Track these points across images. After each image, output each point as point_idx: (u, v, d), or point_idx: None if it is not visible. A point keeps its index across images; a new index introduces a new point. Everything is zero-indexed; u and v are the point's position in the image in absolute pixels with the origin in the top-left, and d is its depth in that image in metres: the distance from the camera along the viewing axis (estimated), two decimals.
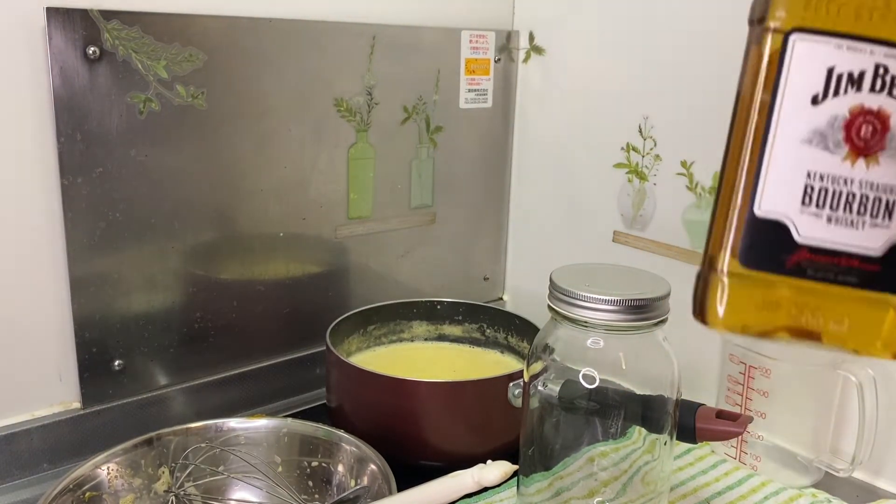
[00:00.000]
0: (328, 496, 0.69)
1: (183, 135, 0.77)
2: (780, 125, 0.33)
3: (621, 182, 0.94)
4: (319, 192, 0.89)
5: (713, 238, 0.36)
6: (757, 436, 0.74)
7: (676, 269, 0.88)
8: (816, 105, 0.32)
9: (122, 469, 0.65)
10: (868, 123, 0.32)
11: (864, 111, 0.32)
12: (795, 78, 0.32)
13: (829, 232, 0.32)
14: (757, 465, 0.75)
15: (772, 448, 0.74)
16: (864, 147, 0.32)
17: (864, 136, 0.32)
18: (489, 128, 1.05)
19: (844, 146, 0.32)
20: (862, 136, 0.32)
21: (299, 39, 0.83)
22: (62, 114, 0.70)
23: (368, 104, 0.91)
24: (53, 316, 0.74)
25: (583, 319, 0.56)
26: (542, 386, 0.59)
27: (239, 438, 0.70)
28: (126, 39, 0.71)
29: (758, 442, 0.74)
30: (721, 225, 0.35)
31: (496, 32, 1.02)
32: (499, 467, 0.57)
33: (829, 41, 0.32)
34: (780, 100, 0.33)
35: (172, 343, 0.81)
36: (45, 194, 0.71)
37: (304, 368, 0.92)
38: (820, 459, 0.73)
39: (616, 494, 0.61)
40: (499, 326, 0.93)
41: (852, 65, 0.32)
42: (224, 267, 0.84)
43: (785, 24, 0.33)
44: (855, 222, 0.33)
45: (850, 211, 0.32)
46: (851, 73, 0.32)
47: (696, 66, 0.84)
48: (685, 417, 0.58)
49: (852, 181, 0.32)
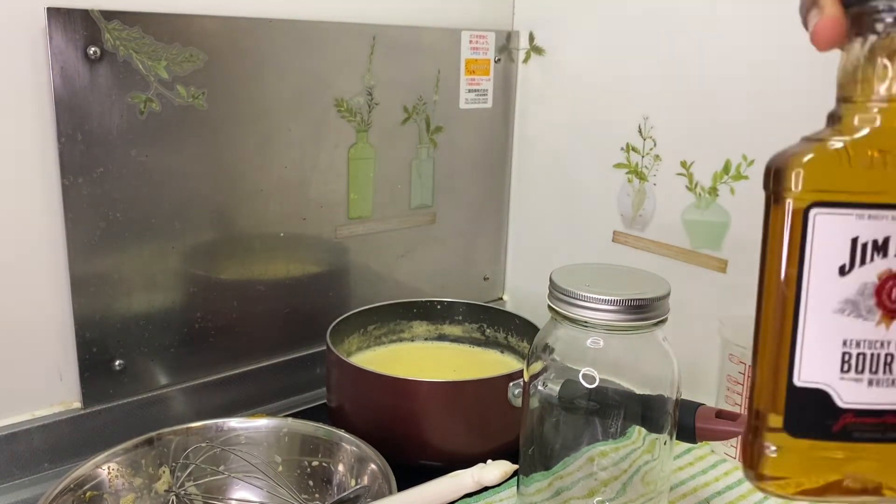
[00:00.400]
0: (328, 496, 0.69)
1: (183, 135, 0.77)
2: (811, 298, 0.33)
3: (621, 182, 0.94)
4: (320, 193, 0.89)
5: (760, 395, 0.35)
6: None
7: (676, 269, 0.88)
8: (844, 276, 0.32)
9: (123, 469, 0.65)
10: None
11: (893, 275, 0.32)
12: (820, 251, 0.33)
13: (871, 394, 0.33)
14: None
15: None
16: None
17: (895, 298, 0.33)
18: (489, 128, 1.05)
19: (877, 311, 0.32)
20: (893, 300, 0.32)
21: (299, 39, 0.83)
22: (63, 114, 0.70)
23: (368, 104, 0.91)
24: (54, 316, 0.74)
25: (583, 319, 0.56)
26: (542, 386, 0.59)
27: (239, 438, 0.70)
28: (127, 40, 0.72)
29: None
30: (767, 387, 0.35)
31: (496, 33, 1.02)
32: (499, 467, 0.57)
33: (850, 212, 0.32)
34: (808, 273, 0.33)
35: (173, 343, 0.81)
36: (45, 194, 0.72)
37: (305, 368, 0.92)
38: None
39: (616, 494, 0.61)
40: (499, 326, 0.93)
41: (875, 233, 0.32)
42: (224, 267, 0.84)
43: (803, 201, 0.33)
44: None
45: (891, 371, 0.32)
46: (876, 241, 0.32)
47: (696, 67, 0.84)
48: (685, 417, 0.58)
49: (889, 343, 0.32)
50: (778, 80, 0.77)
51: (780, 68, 0.77)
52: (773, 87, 0.78)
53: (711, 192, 0.85)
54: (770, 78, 0.78)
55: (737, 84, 0.81)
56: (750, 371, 0.38)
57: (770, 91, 0.78)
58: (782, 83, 0.77)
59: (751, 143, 0.75)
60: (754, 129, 0.71)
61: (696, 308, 0.85)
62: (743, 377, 0.73)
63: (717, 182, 0.84)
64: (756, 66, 0.79)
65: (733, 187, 0.83)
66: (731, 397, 0.75)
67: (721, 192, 0.84)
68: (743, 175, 0.81)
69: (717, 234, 0.85)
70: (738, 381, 0.74)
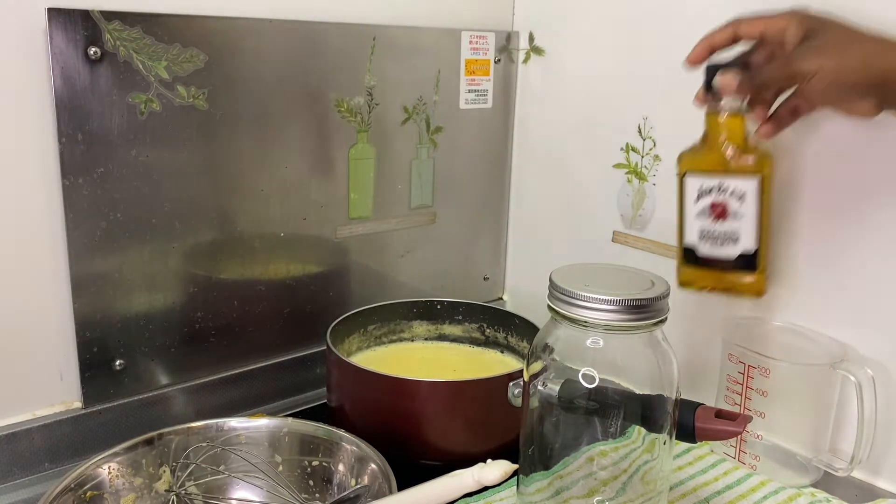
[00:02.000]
0: (329, 495, 0.69)
1: (184, 135, 0.77)
2: (686, 209, 0.74)
3: (621, 182, 0.94)
4: (320, 193, 0.89)
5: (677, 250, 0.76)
6: (756, 435, 0.74)
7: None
8: (697, 202, 0.72)
9: (123, 468, 0.65)
10: (718, 206, 0.71)
11: (716, 203, 0.71)
12: (688, 191, 0.73)
13: (712, 250, 0.73)
14: (756, 464, 0.75)
15: (771, 447, 0.74)
16: (718, 216, 0.71)
17: (718, 211, 0.71)
18: (489, 128, 1.05)
19: (711, 215, 0.72)
20: (717, 212, 0.71)
21: (299, 40, 0.84)
22: (63, 114, 0.70)
23: (369, 104, 0.91)
24: (54, 316, 0.74)
25: (582, 319, 0.56)
26: (541, 385, 0.59)
27: (240, 438, 0.70)
28: (127, 40, 0.72)
29: (757, 441, 0.75)
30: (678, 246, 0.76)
31: (496, 33, 1.02)
32: (499, 467, 0.58)
33: (698, 177, 0.72)
34: (685, 199, 0.74)
35: (173, 343, 0.81)
36: (46, 194, 0.72)
37: (305, 368, 0.92)
38: (819, 459, 0.74)
39: (616, 494, 0.61)
40: (499, 326, 0.93)
41: (709, 184, 0.71)
42: (225, 267, 0.84)
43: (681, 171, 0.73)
44: (722, 245, 0.72)
45: (718, 241, 0.72)
46: (710, 188, 0.71)
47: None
48: (684, 417, 0.58)
49: (716, 230, 0.72)
50: None
51: None
52: None
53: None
54: None
55: None
56: (749, 370, 0.73)
57: None
58: None
59: None
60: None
61: (695, 308, 0.86)
62: (743, 377, 0.74)
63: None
64: None
65: None
66: (731, 397, 0.75)
67: None
68: None
69: None
70: (737, 380, 0.74)
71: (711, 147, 0.71)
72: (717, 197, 0.71)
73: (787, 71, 0.62)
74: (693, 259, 0.74)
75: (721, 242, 0.72)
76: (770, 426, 0.74)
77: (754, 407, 0.74)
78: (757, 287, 0.72)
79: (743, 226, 0.70)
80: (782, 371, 0.72)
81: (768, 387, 0.72)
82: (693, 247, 0.73)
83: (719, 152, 0.70)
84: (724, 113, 0.69)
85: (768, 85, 0.65)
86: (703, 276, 0.74)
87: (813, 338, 0.76)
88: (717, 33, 0.68)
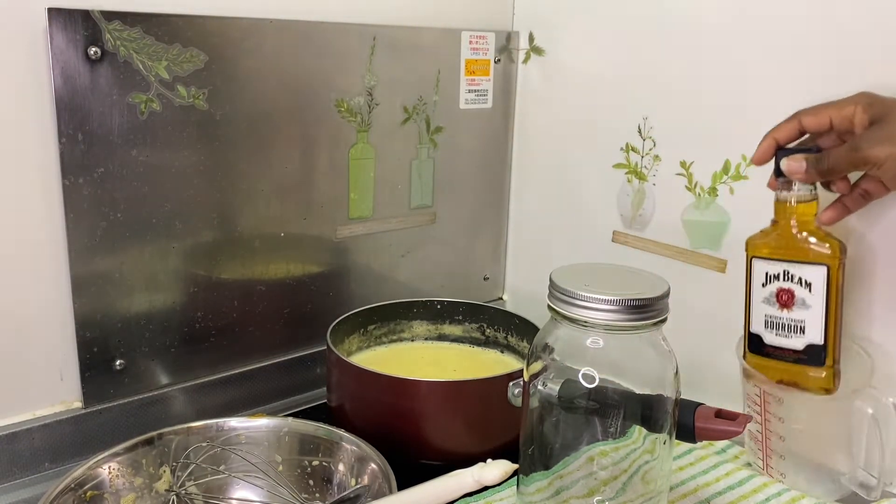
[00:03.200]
0: (329, 495, 0.69)
1: (184, 135, 0.77)
2: (752, 294, 0.71)
3: (621, 182, 0.94)
4: (320, 193, 0.90)
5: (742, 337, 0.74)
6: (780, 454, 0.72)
7: (676, 269, 0.88)
8: (764, 287, 0.70)
9: (124, 468, 0.65)
10: (785, 294, 0.68)
11: (782, 289, 0.69)
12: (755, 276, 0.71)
13: (777, 339, 0.70)
14: (783, 479, 0.73)
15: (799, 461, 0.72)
16: (784, 304, 0.69)
17: (784, 299, 0.69)
18: (489, 128, 1.05)
19: (777, 304, 0.69)
20: (783, 300, 0.69)
21: (299, 39, 0.84)
22: (63, 114, 0.70)
23: (369, 104, 0.91)
24: (55, 315, 0.74)
25: (582, 319, 0.56)
26: (541, 385, 0.59)
27: (240, 438, 0.70)
28: (127, 40, 0.72)
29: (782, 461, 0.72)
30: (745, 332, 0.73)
31: (496, 33, 1.02)
32: (499, 466, 0.58)
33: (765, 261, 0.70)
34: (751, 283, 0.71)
35: (173, 342, 0.82)
36: (46, 194, 0.72)
37: (305, 368, 0.92)
38: (848, 477, 0.70)
39: (616, 493, 0.61)
40: (499, 326, 0.93)
41: (776, 270, 0.69)
42: (225, 267, 0.84)
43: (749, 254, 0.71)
44: (788, 335, 0.69)
45: (784, 330, 0.69)
46: (777, 274, 0.69)
47: (695, 67, 0.84)
48: (684, 417, 0.58)
49: (783, 318, 0.69)
50: (777, 81, 0.78)
51: (779, 69, 0.77)
52: (772, 87, 0.78)
53: (711, 192, 0.85)
54: (769, 78, 0.78)
55: (736, 84, 0.81)
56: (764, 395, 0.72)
57: (769, 91, 0.78)
58: (781, 84, 0.77)
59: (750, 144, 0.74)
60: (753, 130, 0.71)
61: (695, 308, 0.86)
62: (760, 399, 0.72)
63: (717, 182, 0.84)
64: (755, 67, 0.79)
65: (732, 187, 0.83)
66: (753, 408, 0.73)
67: (720, 192, 0.84)
68: (742, 175, 0.82)
69: (717, 234, 0.85)
70: (755, 401, 0.72)
71: (781, 232, 0.68)
72: (784, 284, 0.68)
73: (855, 157, 0.60)
74: (758, 348, 0.70)
75: (787, 332, 0.68)
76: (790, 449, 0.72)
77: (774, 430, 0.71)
78: (825, 383, 0.67)
79: (810, 316, 0.67)
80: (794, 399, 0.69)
81: (783, 414, 0.70)
82: (758, 334, 0.70)
83: (788, 237, 0.68)
84: (792, 198, 0.67)
85: (836, 171, 0.63)
86: (769, 366, 0.70)
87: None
88: (782, 127, 0.67)
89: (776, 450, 0.73)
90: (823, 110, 0.64)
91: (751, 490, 0.72)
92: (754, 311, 0.71)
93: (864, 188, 0.67)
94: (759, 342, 0.70)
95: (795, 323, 0.68)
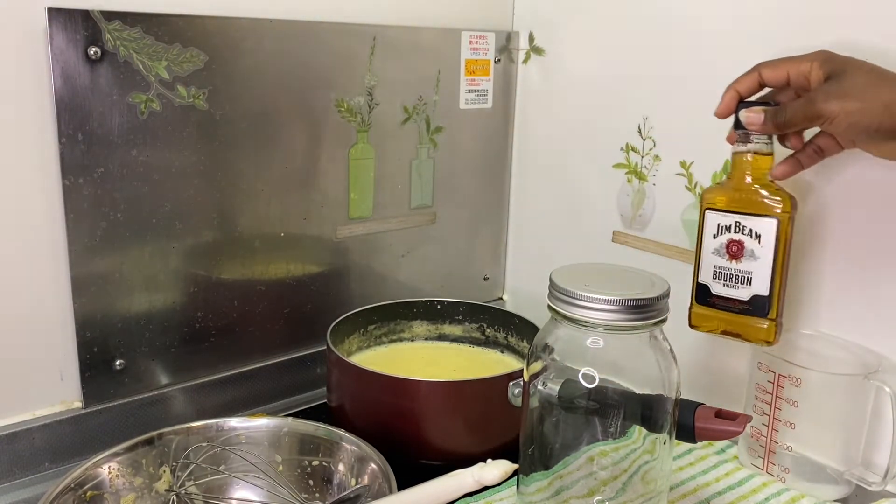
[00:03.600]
0: (329, 495, 0.69)
1: (184, 135, 0.77)
2: (703, 246, 0.72)
3: (621, 182, 0.94)
4: (320, 193, 0.90)
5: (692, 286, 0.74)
6: (786, 447, 0.72)
7: (676, 268, 0.88)
8: (715, 238, 0.71)
9: (124, 468, 0.65)
10: (735, 245, 0.70)
11: (732, 240, 0.70)
12: (707, 227, 0.72)
13: (724, 290, 0.71)
14: (785, 476, 0.73)
15: (801, 459, 0.72)
16: (734, 255, 0.70)
17: (733, 250, 0.70)
18: (489, 128, 1.05)
19: (727, 255, 0.71)
20: (733, 251, 0.70)
21: (299, 39, 0.84)
22: (63, 114, 0.70)
23: (369, 104, 0.91)
24: (55, 315, 0.74)
25: (582, 319, 0.56)
26: (541, 385, 0.59)
27: (240, 438, 0.70)
28: (127, 40, 0.72)
29: (786, 453, 0.72)
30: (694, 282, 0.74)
31: (496, 33, 1.02)
32: (499, 466, 0.58)
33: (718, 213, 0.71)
34: (703, 234, 0.72)
35: (173, 342, 0.82)
36: (46, 194, 0.72)
37: (305, 368, 0.92)
38: (851, 472, 0.71)
39: (616, 493, 0.61)
40: (499, 326, 0.93)
41: (727, 221, 0.70)
42: (225, 267, 0.84)
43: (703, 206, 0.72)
44: (735, 286, 0.70)
45: (731, 280, 0.71)
46: (728, 225, 0.70)
47: (695, 67, 0.84)
48: (684, 417, 0.58)
49: (731, 269, 0.71)
50: None
51: None
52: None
53: None
54: None
55: None
56: (779, 379, 0.72)
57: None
58: None
59: None
60: None
61: None
62: (773, 386, 0.72)
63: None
64: None
65: None
66: (760, 406, 0.73)
67: None
68: None
69: None
70: (767, 389, 0.72)
71: (735, 185, 0.70)
72: (735, 235, 0.70)
73: (809, 111, 0.61)
74: (705, 298, 0.72)
75: (734, 283, 0.70)
76: (800, 437, 0.72)
77: (784, 417, 0.72)
78: (766, 335, 0.69)
79: (758, 267, 0.69)
80: (814, 381, 0.70)
81: (799, 397, 0.70)
82: (706, 285, 0.72)
83: (741, 190, 0.69)
84: (749, 152, 0.69)
85: (792, 124, 0.64)
86: (714, 317, 0.72)
87: (845, 347, 0.74)
88: (742, 80, 0.68)
89: (781, 443, 0.72)
90: (782, 64, 0.65)
91: (750, 490, 0.72)
92: (704, 263, 0.72)
93: (818, 144, 0.68)
94: (707, 292, 0.72)
95: (743, 274, 0.70)
